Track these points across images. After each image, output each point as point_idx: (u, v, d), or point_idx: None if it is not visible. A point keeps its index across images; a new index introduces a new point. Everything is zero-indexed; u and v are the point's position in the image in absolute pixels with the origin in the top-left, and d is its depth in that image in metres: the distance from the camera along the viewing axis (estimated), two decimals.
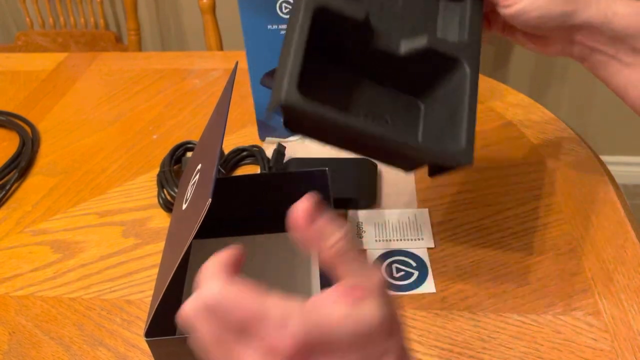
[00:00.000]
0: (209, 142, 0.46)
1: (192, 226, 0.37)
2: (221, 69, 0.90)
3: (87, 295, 0.54)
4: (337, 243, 0.28)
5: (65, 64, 0.95)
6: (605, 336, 0.46)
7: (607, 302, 0.49)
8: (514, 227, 0.57)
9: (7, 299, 0.54)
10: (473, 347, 0.46)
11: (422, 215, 0.59)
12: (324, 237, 0.28)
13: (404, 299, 0.50)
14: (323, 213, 0.28)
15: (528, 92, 0.95)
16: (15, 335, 0.50)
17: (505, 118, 0.72)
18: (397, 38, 0.46)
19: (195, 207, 0.39)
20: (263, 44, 0.65)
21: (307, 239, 0.28)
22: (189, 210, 0.42)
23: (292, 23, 0.41)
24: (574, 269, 0.52)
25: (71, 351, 0.49)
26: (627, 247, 0.53)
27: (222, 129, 0.41)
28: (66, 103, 0.84)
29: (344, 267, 0.28)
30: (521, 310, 0.49)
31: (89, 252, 0.59)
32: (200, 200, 0.38)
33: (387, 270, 0.53)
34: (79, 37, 1.57)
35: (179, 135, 0.75)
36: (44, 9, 1.62)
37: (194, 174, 0.46)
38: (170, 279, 0.38)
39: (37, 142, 0.76)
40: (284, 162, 0.66)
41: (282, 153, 0.66)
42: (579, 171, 0.63)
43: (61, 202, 0.65)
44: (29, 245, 0.60)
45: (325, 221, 0.28)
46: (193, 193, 0.44)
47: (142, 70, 0.91)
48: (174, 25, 1.73)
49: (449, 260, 0.54)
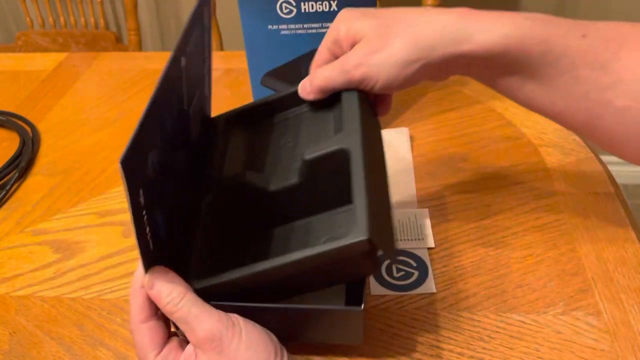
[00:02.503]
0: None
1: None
2: (221, 69, 0.90)
3: (87, 295, 0.54)
4: (169, 308, 0.39)
5: (66, 64, 0.95)
6: (605, 336, 0.46)
7: (607, 302, 0.49)
8: (514, 227, 0.57)
9: (8, 299, 0.54)
10: (473, 347, 0.46)
11: (422, 215, 0.59)
12: (162, 300, 0.39)
13: (404, 299, 0.50)
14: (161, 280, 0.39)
15: None
16: (15, 335, 0.50)
17: (505, 118, 0.72)
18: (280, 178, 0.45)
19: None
20: (263, 44, 0.65)
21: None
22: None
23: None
24: (574, 269, 0.52)
25: (71, 351, 0.49)
26: (627, 247, 0.53)
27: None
28: (66, 103, 0.84)
29: (181, 326, 0.39)
30: (521, 310, 0.49)
31: (89, 252, 0.59)
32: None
33: (387, 270, 0.53)
34: (79, 37, 1.57)
35: None
36: (44, 9, 1.62)
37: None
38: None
39: (37, 142, 0.76)
40: None
41: None
42: (579, 171, 0.63)
43: (61, 202, 0.65)
44: (29, 245, 0.60)
45: (158, 286, 0.39)
46: None
47: (142, 70, 0.91)
48: (174, 25, 1.73)
49: (449, 260, 0.54)
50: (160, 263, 0.40)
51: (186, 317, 0.38)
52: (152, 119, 0.36)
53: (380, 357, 0.46)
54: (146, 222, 0.36)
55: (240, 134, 0.51)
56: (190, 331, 0.38)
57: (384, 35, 0.43)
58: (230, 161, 0.48)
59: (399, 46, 0.42)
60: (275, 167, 0.46)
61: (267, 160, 0.47)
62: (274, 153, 0.47)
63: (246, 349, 0.38)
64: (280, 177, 0.45)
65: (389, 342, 0.47)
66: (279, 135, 0.48)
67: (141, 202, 0.35)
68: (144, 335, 0.40)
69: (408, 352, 0.46)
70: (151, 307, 0.40)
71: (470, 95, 0.78)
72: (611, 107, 0.41)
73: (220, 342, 0.38)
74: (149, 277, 0.39)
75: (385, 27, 0.43)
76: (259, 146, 0.49)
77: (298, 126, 0.48)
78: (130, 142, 0.32)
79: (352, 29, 0.44)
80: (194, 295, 0.39)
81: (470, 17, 0.42)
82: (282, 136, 0.48)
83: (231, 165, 0.48)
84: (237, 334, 0.38)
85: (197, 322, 0.38)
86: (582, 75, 0.41)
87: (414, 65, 0.42)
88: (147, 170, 0.36)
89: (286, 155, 0.46)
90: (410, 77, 0.43)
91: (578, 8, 1.47)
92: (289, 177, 0.45)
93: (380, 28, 0.43)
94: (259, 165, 0.46)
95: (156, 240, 0.39)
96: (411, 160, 0.67)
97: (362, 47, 0.43)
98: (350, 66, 0.44)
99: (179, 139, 0.43)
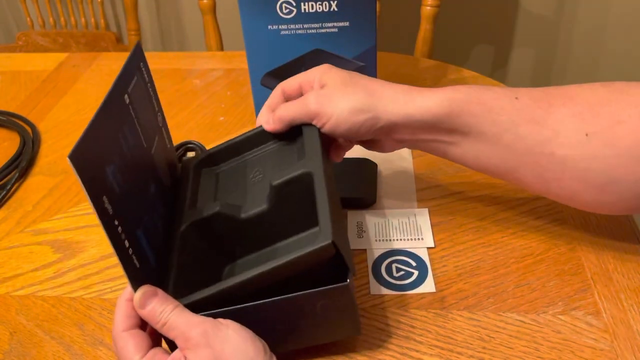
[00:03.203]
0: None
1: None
2: (221, 69, 0.90)
3: (87, 295, 0.54)
4: (162, 319, 0.40)
5: (66, 64, 0.95)
6: (605, 336, 0.46)
7: (606, 302, 0.49)
8: (514, 227, 0.57)
9: (8, 298, 0.54)
10: (473, 347, 0.46)
11: (422, 215, 0.59)
12: (153, 316, 0.40)
13: (404, 299, 0.51)
14: (151, 298, 0.40)
15: None
16: (16, 335, 0.51)
17: None
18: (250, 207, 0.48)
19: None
20: (263, 44, 0.65)
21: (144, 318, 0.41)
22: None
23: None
24: (574, 269, 0.52)
25: (72, 351, 0.49)
26: (626, 247, 0.53)
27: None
28: (67, 103, 0.84)
29: (169, 334, 0.40)
30: (521, 310, 0.49)
31: (90, 251, 0.59)
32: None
33: (387, 270, 0.53)
34: (79, 37, 1.57)
35: (179, 136, 0.75)
36: (45, 9, 1.62)
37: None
38: None
39: (38, 142, 0.76)
40: None
41: None
42: None
43: (62, 202, 0.65)
44: (30, 245, 0.60)
45: (152, 304, 0.40)
46: None
47: None
48: (174, 26, 1.73)
49: (449, 260, 0.54)
50: (148, 281, 0.42)
51: (177, 324, 0.39)
52: (101, 131, 0.40)
53: (379, 356, 0.46)
54: (123, 237, 0.39)
55: (210, 173, 0.54)
56: (181, 335, 0.39)
57: (349, 85, 0.48)
58: (203, 196, 0.51)
59: (356, 96, 0.48)
60: (246, 198, 0.49)
61: (238, 193, 0.50)
62: (244, 186, 0.50)
63: (235, 346, 0.39)
64: (251, 205, 0.48)
65: (389, 342, 0.47)
66: (247, 171, 0.52)
67: (108, 210, 0.38)
68: (127, 341, 0.40)
69: (408, 351, 0.46)
70: (136, 318, 0.41)
71: None
72: (554, 158, 0.45)
73: (211, 341, 0.38)
74: (140, 297, 0.40)
75: (351, 80, 0.49)
76: (230, 182, 0.52)
77: (265, 161, 0.52)
78: (79, 140, 0.36)
79: (325, 75, 0.50)
80: (182, 307, 0.41)
81: (417, 90, 0.48)
82: (251, 171, 0.51)
83: (203, 199, 0.51)
84: (225, 333, 0.39)
85: (187, 325, 0.39)
86: (522, 131, 0.45)
87: (362, 115, 0.47)
88: (107, 181, 0.39)
89: (256, 187, 0.49)
90: (357, 125, 0.48)
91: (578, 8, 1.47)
92: (259, 204, 0.47)
93: (347, 79, 0.49)
94: (230, 198, 0.50)
95: (142, 259, 0.42)
96: (411, 160, 0.67)
97: (326, 89, 0.49)
98: (310, 99, 0.49)
99: (143, 170, 0.47)
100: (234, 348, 0.38)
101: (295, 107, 0.49)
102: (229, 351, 0.38)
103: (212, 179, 0.53)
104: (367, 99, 0.48)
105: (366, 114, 0.47)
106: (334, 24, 0.63)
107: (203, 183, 0.53)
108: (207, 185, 0.52)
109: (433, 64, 0.88)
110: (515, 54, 1.59)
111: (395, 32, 1.55)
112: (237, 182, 0.51)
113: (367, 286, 0.52)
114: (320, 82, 0.50)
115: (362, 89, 0.48)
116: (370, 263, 0.54)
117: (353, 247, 0.56)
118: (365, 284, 0.52)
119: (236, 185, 0.51)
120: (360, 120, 0.47)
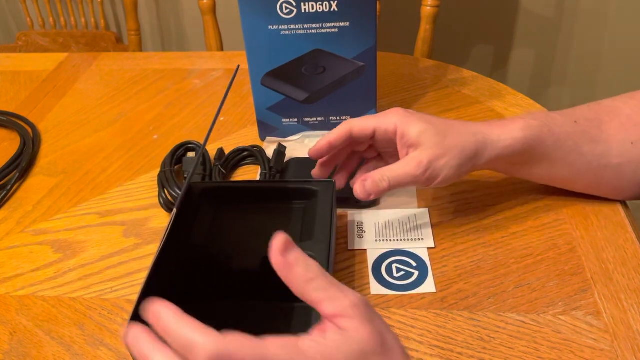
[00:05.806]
0: None
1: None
2: (221, 69, 0.90)
3: (88, 295, 0.54)
4: (308, 272, 0.32)
5: (66, 64, 0.95)
6: (605, 336, 0.46)
7: (607, 302, 0.49)
8: (514, 227, 0.57)
9: (8, 298, 0.54)
10: (473, 347, 0.46)
11: (422, 215, 0.59)
12: (297, 266, 0.32)
13: (404, 299, 0.51)
14: (293, 247, 0.33)
15: (528, 92, 0.95)
16: (16, 335, 0.51)
17: (505, 118, 0.72)
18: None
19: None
20: (263, 44, 0.65)
21: (282, 270, 0.33)
22: None
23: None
24: (574, 269, 0.52)
25: (72, 351, 0.49)
26: (627, 247, 0.54)
27: None
28: (67, 103, 0.84)
29: (317, 294, 0.32)
30: (521, 310, 0.49)
31: (90, 252, 0.59)
32: None
33: (387, 270, 0.53)
34: (79, 37, 1.57)
35: (180, 136, 0.75)
36: (45, 9, 1.62)
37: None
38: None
39: (38, 142, 0.76)
40: (284, 161, 0.66)
41: (283, 153, 0.66)
42: None
43: (62, 202, 0.65)
44: (30, 245, 0.60)
45: (296, 253, 0.32)
46: None
47: (142, 71, 0.91)
48: (174, 26, 1.73)
49: (449, 260, 0.54)
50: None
51: (328, 285, 0.33)
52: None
53: None
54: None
55: (211, 207, 0.55)
56: (334, 297, 0.33)
57: (440, 144, 0.51)
58: (198, 230, 0.52)
59: (455, 154, 0.51)
60: (238, 249, 0.49)
61: (231, 239, 0.50)
62: (240, 234, 0.51)
63: (386, 327, 0.34)
64: (242, 261, 0.48)
65: None
66: (248, 217, 0.53)
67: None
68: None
69: (408, 351, 0.46)
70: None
71: (470, 95, 0.78)
72: (610, 167, 0.54)
73: (368, 310, 0.33)
74: (284, 242, 0.33)
75: (441, 135, 0.52)
76: (228, 224, 0.53)
77: (269, 217, 0.53)
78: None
79: (408, 131, 0.52)
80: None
81: (494, 126, 0.53)
82: (252, 219, 0.52)
83: (199, 234, 0.52)
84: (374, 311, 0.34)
85: (340, 289, 0.33)
86: (584, 150, 0.54)
87: (466, 168, 0.52)
88: None
89: (252, 241, 0.50)
90: (461, 176, 0.53)
91: (578, 8, 1.47)
92: (251, 265, 0.48)
93: (436, 136, 0.52)
94: (225, 242, 0.50)
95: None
96: None
97: (425, 153, 0.51)
98: (421, 171, 0.51)
99: None
100: (393, 336, 0.34)
101: (403, 172, 0.51)
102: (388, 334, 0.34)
103: (211, 214, 0.54)
104: (463, 157, 0.51)
105: (468, 167, 0.52)
106: (334, 24, 0.63)
107: (201, 214, 0.53)
108: (205, 218, 0.53)
109: (433, 64, 0.88)
110: (515, 54, 1.59)
111: (395, 32, 1.55)
112: (234, 226, 0.52)
113: (367, 286, 0.52)
114: (410, 142, 0.52)
115: (455, 146, 0.51)
116: (370, 263, 0.54)
117: (353, 247, 0.56)
118: (366, 284, 0.52)
119: (232, 229, 0.52)
120: (464, 172, 0.53)
